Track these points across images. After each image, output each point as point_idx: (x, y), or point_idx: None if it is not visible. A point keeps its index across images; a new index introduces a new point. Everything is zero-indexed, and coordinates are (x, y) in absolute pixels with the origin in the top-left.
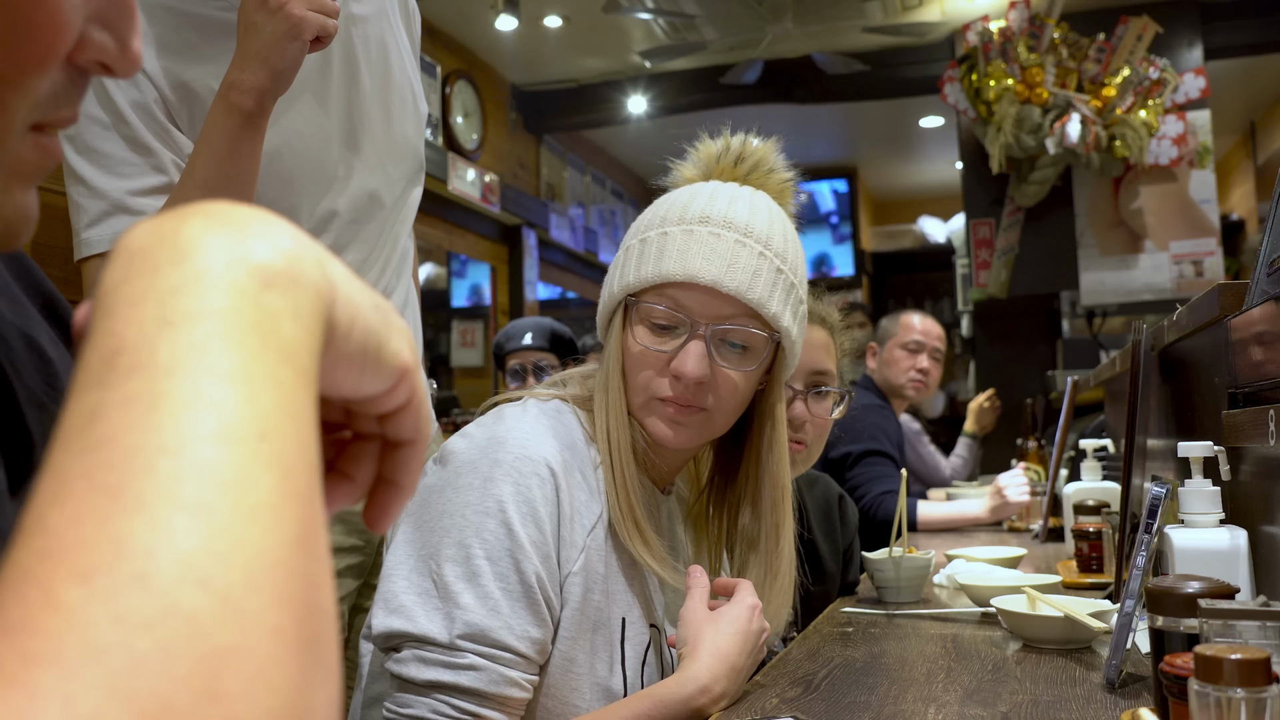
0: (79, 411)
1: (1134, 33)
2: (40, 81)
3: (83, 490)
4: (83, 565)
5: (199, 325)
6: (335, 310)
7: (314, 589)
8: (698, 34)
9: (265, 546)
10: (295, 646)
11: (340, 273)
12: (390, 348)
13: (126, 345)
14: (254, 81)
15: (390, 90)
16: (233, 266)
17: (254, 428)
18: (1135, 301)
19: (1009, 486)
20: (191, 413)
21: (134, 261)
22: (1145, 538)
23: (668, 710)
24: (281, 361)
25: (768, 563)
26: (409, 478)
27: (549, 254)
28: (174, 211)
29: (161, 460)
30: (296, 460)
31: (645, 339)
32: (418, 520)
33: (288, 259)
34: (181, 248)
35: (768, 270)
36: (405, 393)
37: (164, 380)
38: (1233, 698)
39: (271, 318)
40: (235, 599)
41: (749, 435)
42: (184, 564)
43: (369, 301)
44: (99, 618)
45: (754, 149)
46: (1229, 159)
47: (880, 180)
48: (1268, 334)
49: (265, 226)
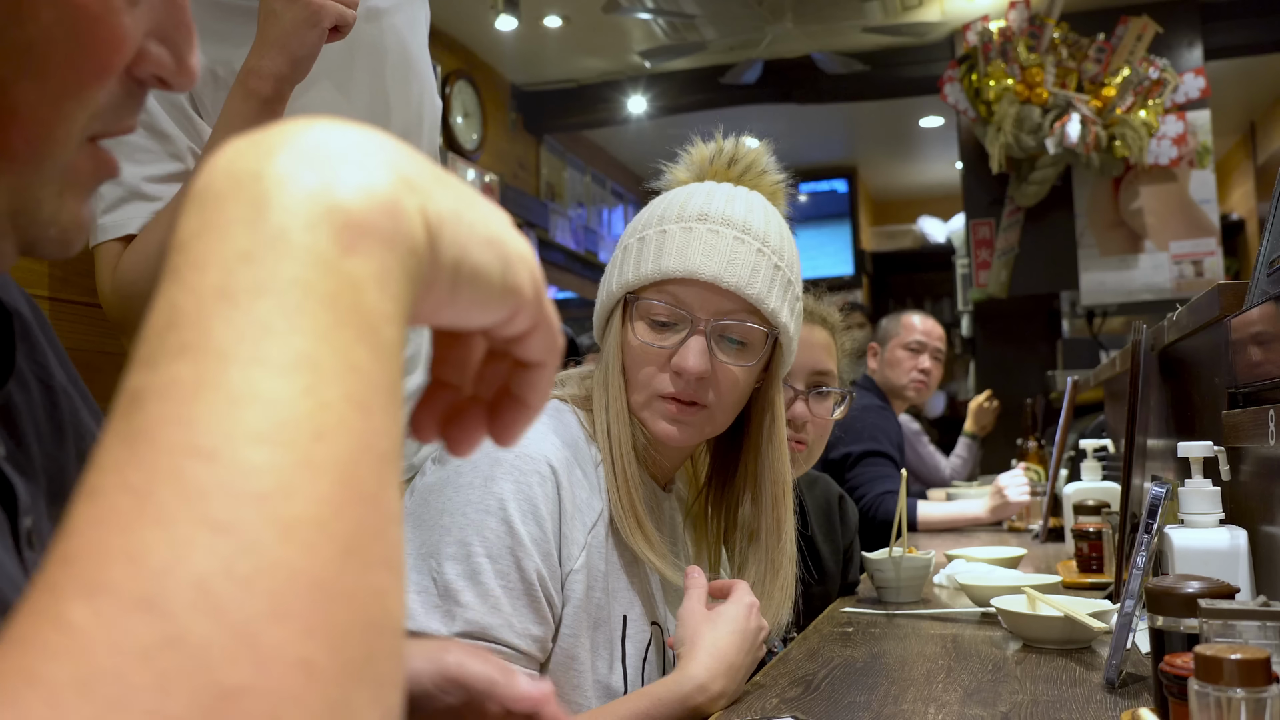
0: (126, 393)
1: (1134, 33)
2: (99, 93)
3: (111, 488)
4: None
5: (264, 300)
6: (438, 255)
7: (366, 604)
8: (697, 34)
9: (300, 568)
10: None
11: (448, 206)
12: (504, 283)
13: (180, 319)
14: (272, 68)
15: (410, 83)
16: (314, 226)
17: (309, 426)
18: (1135, 301)
19: (1009, 486)
20: (237, 408)
21: (207, 211)
22: (1145, 538)
23: (666, 709)
24: (359, 339)
25: (769, 558)
26: (538, 398)
27: (549, 254)
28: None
29: (192, 464)
30: (361, 457)
31: (645, 335)
32: (417, 519)
33: (383, 207)
34: (259, 198)
35: (766, 266)
36: (526, 321)
37: (213, 367)
38: (1233, 698)
39: (353, 288)
40: (252, 631)
41: (748, 431)
42: (198, 589)
43: (480, 236)
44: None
45: (746, 151)
46: (1229, 159)
47: (880, 180)
48: (1268, 334)
49: (363, 161)
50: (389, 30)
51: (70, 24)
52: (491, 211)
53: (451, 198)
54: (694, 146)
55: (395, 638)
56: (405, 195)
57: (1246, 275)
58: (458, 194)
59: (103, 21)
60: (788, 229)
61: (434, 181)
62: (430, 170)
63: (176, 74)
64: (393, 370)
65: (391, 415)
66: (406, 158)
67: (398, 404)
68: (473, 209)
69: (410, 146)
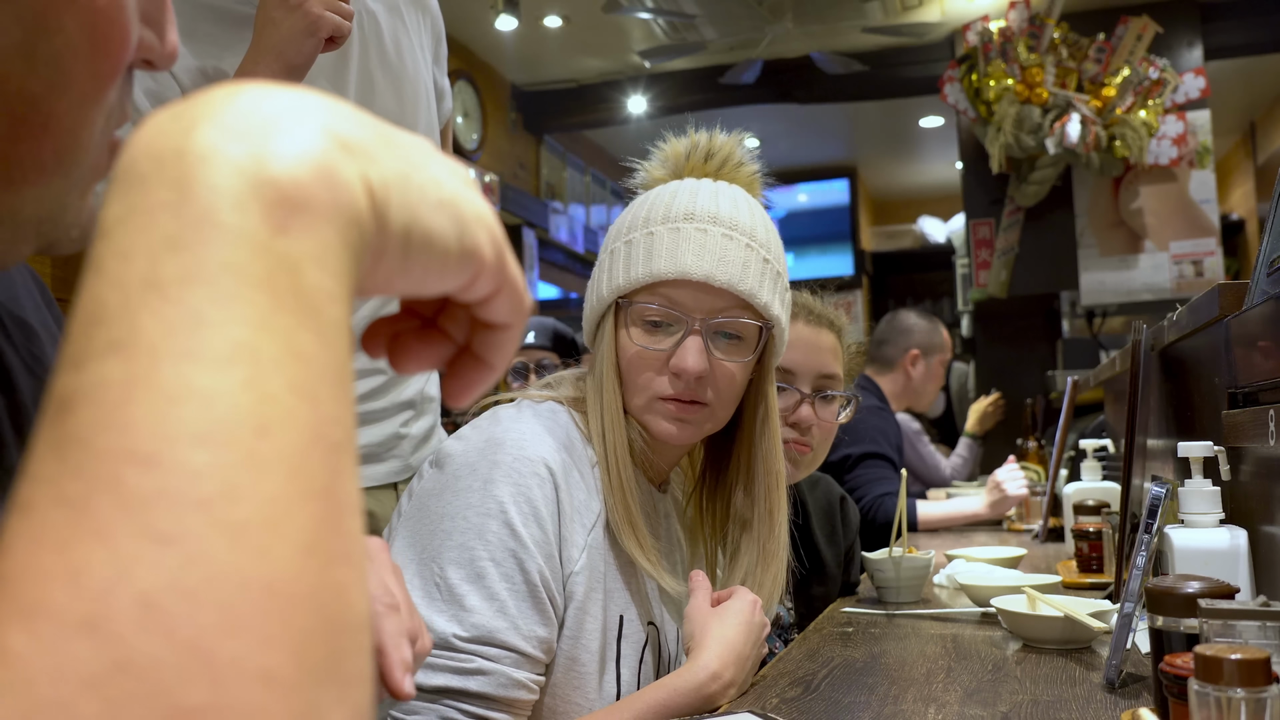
0: (54, 397)
1: (1134, 33)
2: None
3: (46, 501)
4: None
5: (193, 289)
6: (387, 223)
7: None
8: (697, 34)
9: (252, 574)
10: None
11: (393, 169)
12: (461, 247)
13: (105, 314)
14: (268, 75)
15: (403, 85)
16: (243, 205)
17: (252, 422)
18: (1135, 301)
19: (1007, 480)
20: (173, 407)
21: (131, 194)
22: (1145, 538)
23: (682, 698)
24: (300, 324)
25: (761, 547)
26: (500, 359)
27: (549, 254)
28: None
29: (131, 470)
30: (310, 449)
31: (641, 339)
32: (416, 525)
33: (319, 176)
34: (183, 178)
35: (755, 261)
36: (489, 284)
37: (144, 363)
38: (1233, 698)
39: (290, 268)
40: (206, 646)
41: (741, 423)
42: (144, 606)
43: (431, 198)
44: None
45: (721, 144)
46: (1229, 159)
47: (880, 180)
48: (1268, 334)
49: (294, 129)
50: (382, 32)
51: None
52: (446, 171)
53: (398, 159)
54: (667, 143)
55: (359, 633)
56: (342, 161)
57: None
58: (406, 155)
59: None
60: (771, 220)
61: (378, 143)
62: (374, 130)
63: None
64: (340, 352)
65: (341, 401)
66: (345, 119)
67: (348, 387)
68: (422, 170)
69: None
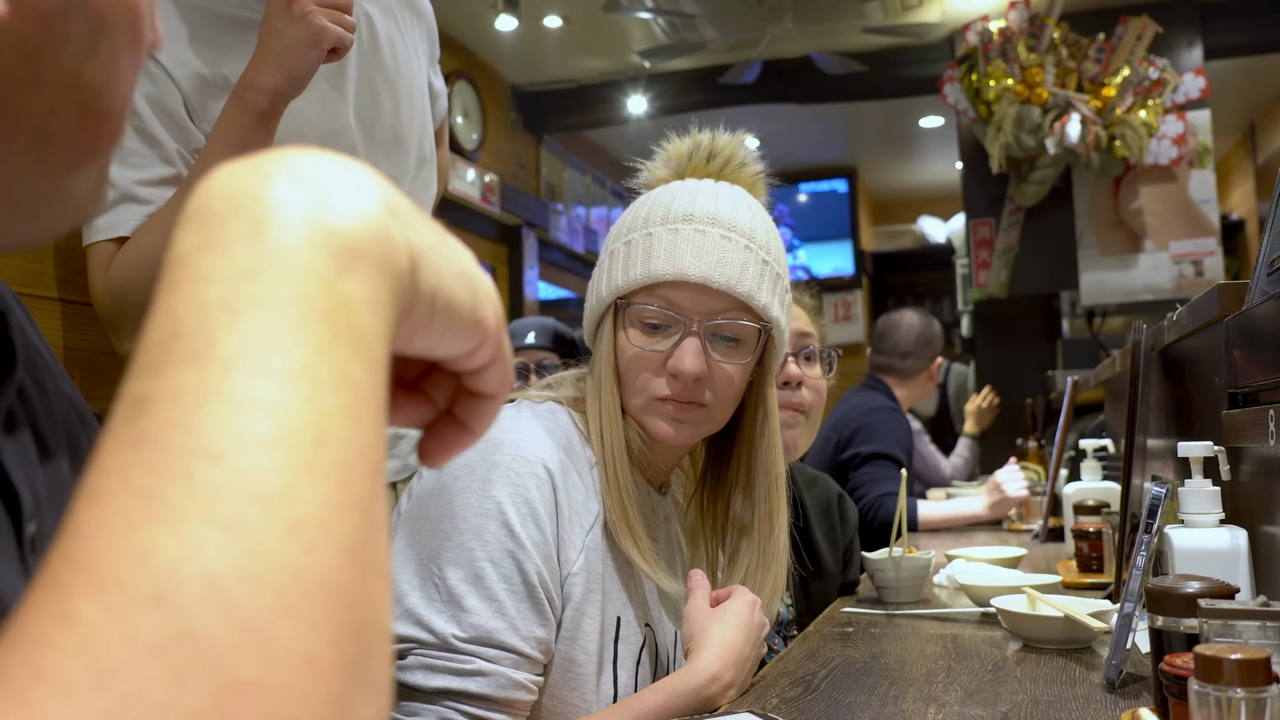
0: (128, 399)
1: (1134, 33)
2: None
3: (117, 490)
4: (103, 577)
5: (265, 314)
6: (418, 284)
7: (362, 606)
8: (697, 34)
9: (305, 567)
10: (329, 676)
11: (426, 238)
12: (474, 316)
13: (184, 329)
14: (270, 83)
15: (399, 89)
16: (312, 246)
17: (311, 433)
18: (1135, 301)
19: (1006, 481)
20: (243, 414)
21: (208, 229)
22: (1145, 538)
23: (681, 700)
24: (353, 356)
25: (761, 549)
26: (481, 426)
27: (549, 254)
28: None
29: (202, 466)
30: (356, 466)
31: (639, 340)
32: (415, 525)
33: (374, 233)
34: (258, 219)
35: (754, 263)
36: (487, 354)
37: (218, 375)
38: (1233, 698)
39: (347, 307)
40: (262, 626)
41: (741, 425)
42: (209, 585)
43: (453, 269)
44: (111, 638)
45: (724, 144)
46: (1229, 159)
47: (880, 180)
48: (1268, 334)
49: (354, 188)
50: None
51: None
52: (461, 248)
53: (429, 231)
54: (670, 143)
55: (386, 642)
56: (391, 223)
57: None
58: (433, 229)
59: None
60: (772, 222)
61: (414, 214)
62: (409, 204)
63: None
64: (381, 387)
65: (380, 429)
66: (391, 190)
67: (384, 419)
68: (446, 243)
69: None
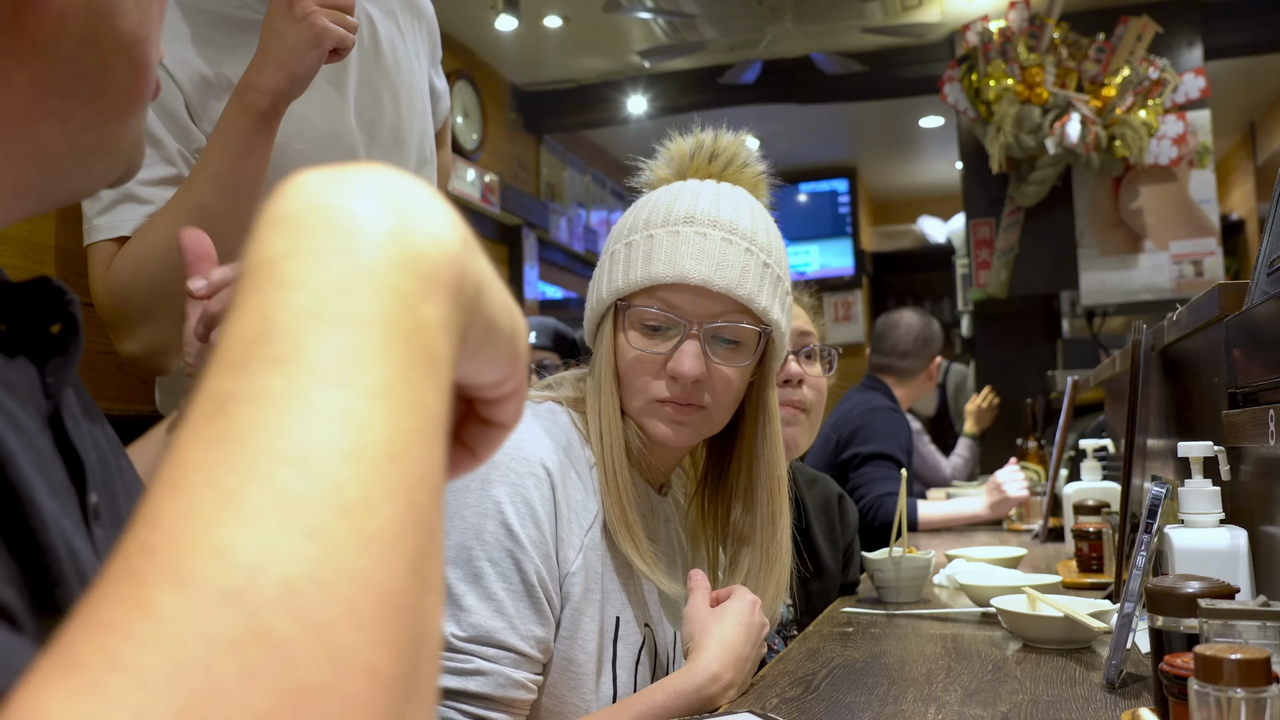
0: (212, 395)
1: (1134, 33)
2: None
3: (199, 485)
4: (182, 571)
5: (354, 329)
6: (477, 313)
7: (420, 622)
8: (697, 34)
9: (375, 579)
10: (389, 689)
11: (486, 270)
12: (512, 349)
13: (274, 332)
14: (271, 84)
15: (400, 90)
16: (400, 268)
17: (388, 449)
18: (1135, 301)
19: (1007, 482)
20: (327, 424)
21: (296, 237)
22: (1145, 538)
23: (680, 700)
24: (426, 379)
25: (763, 553)
26: (487, 453)
27: (549, 254)
28: (342, 177)
29: (284, 471)
30: (424, 485)
31: (639, 342)
32: None
33: (451, 261)
34: (348, 234)
35: (755, 265)
36: (512, 385)
37: (305, 382)
38: (1233, 698)
39: (425, 331)
40: (332, 633)
41: (741, 427)
42: (285, 589)
43: (503, 302)
44: (188, 632)
45: (726, 144)
46: (1229, 159)
47: (880, 180)
48: (1268, 334)
49: (436, 215)
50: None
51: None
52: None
53: (486, 265)
54: (672, 143)
55: (436, 658)
56: (465, 254)
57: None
58: (487, 262)
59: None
60: (773, 223)
61: (477, 246)
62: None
63: None
64: (446, 411)
65: (442, 452)
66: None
67: (445, 443)
68: (496, 278)
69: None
